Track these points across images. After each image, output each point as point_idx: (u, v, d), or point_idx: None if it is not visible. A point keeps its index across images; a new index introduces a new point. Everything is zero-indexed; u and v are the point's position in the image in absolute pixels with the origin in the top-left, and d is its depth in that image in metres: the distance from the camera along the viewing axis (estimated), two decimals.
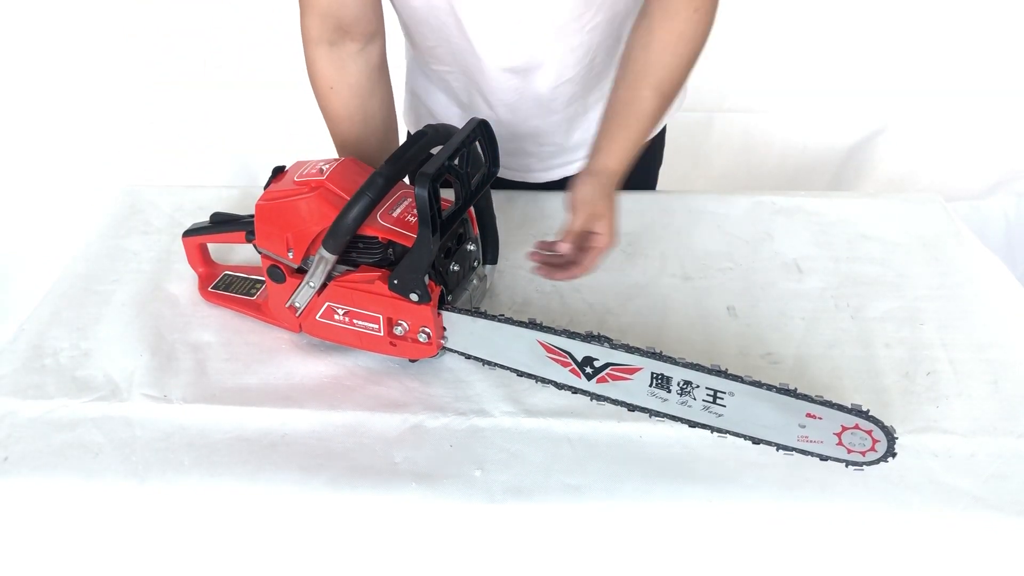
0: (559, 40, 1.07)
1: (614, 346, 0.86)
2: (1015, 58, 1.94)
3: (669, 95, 1.02)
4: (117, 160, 2.08)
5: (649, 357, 0.85)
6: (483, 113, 1.18)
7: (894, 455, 0.81)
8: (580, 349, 0.87)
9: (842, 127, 2.08)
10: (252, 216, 1.00)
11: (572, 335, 0.87)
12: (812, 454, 0.85)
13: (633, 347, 0.85)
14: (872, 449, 0.82)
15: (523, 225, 1.23)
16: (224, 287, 1.12)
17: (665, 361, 0.84)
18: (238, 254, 1.19)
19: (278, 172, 1.01)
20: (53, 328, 1.07)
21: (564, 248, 0.98)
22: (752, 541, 0.87)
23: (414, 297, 0.92)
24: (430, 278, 0.92)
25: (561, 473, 0.88)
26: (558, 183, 1.31)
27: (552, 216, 1.24)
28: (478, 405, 0.95)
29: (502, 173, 1.27)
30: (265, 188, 1.00)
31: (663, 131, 1.39)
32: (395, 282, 0.92)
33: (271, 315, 1.05)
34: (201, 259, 1.14)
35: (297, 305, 0.99)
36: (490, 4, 1.03)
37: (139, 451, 0.91)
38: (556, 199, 1.27)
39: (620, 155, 1.02)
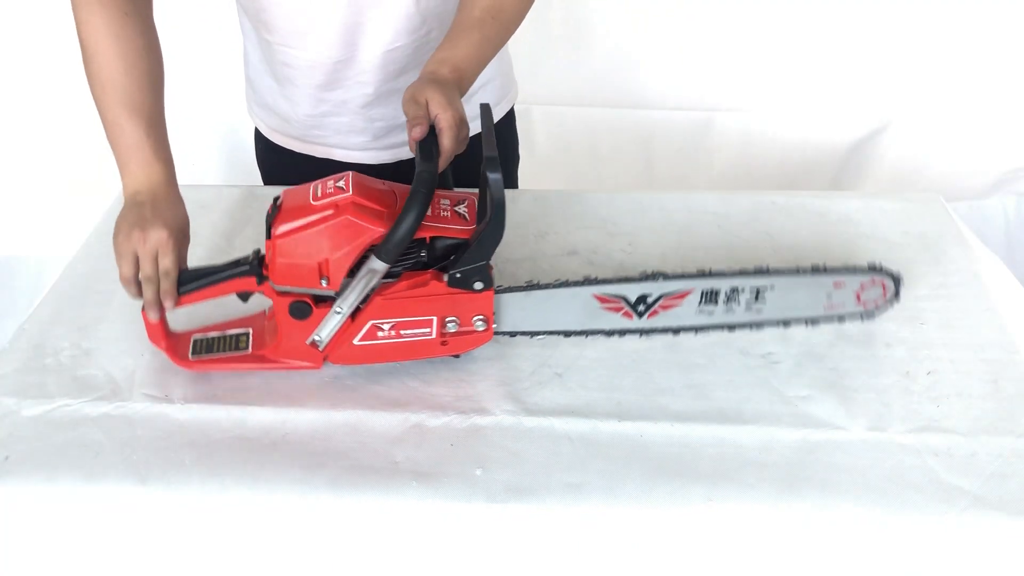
0: (389, 4, 1.09)
1: (668, 277, 0.93)
2: (1016, 58, 1.94)
3: (503, 21, 1.02)
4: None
5: (699, 278, 0.93)
6: (304, 87, 1.19)
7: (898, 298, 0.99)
8: (634, 290, 0.93)
9: (843, 126, 2.07)
10: (248, 258, 0.94)
11: (627, 279, 0.94)
12: (837, 317, 1.00)
13: (687, 273, 0.94)
14: (883, 298, 0.99)
15: (524, 224, 1.23)
16: (205, 351, 0.99)
17: (715, 277, 0.93)
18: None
19: (275, 205, 0.93)
20: (54, 328, 1.07)
21: (415, 135, 0.89)
22: (752, 541, 0.87)
23: (478, 285, 0.92)
24: None
25: (562, 472, 0.88)
26: (396, 167, 1.28)
27: (552, 215, 1.24)
28: (479, 404, 0.95)
29: (332, 154, 1.28)
30: (269, 222, 0.91)
31: (512, 123, 1.38)
32: (457, 276, 0.91)
33: (284, 358, 0.97)
34: (162, 332, 0.97)
35: (321, 338, 0.94)
36: None
37: (140, 451, 0.91)
38: (557, 198, 1.28)
39: (452, 63, 0.96)
